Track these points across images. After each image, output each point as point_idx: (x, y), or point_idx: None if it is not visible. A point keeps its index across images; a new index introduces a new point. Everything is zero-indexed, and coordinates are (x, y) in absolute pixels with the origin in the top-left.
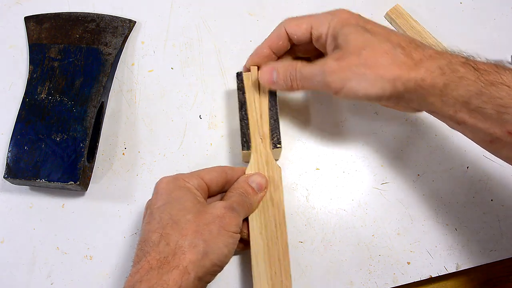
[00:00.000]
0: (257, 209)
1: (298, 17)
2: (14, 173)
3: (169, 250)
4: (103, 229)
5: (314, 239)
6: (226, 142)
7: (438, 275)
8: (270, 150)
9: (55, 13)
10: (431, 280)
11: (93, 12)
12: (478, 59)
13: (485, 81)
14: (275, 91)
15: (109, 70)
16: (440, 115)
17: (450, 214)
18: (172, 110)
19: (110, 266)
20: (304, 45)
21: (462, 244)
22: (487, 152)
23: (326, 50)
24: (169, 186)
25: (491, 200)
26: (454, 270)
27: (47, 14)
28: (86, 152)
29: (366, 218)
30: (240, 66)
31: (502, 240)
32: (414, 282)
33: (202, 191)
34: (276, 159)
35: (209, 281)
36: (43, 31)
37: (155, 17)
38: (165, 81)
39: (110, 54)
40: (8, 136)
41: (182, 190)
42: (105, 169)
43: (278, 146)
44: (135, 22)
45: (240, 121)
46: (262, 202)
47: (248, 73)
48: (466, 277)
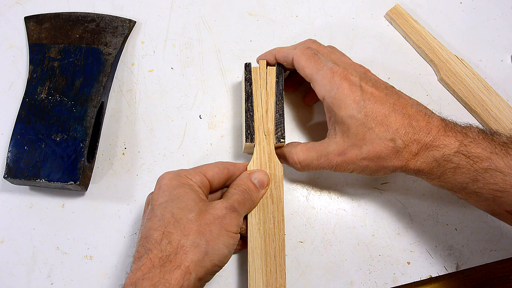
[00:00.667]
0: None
1: (306, 59)
2: (14, 173)
3: (171, 248)
4: (103, 229)
5: (314, 239)
6: (226, 142)
7: (438, 275)
8: (274, 147)
9: (55, 13)
10: (431, 280)
11: (93, 12)
12: (470, 135)
13: (479, 169)
14: (282, 86)
15: (109, 70)
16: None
17: (450, 214)
18: (172, 110)
19: (110, 266)
20: None
21: (462, 244)
22: None
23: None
24: (172, 183)
25: None
26: (454, 270)
27: (47, 14)
28: (86, 152)
29: (366, 218)
30: (240, 66)
31: (502, 240)
32: (414, 282)
33: (204, 188)
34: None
35: (208, 280)
36: (43, 31)
37: (155, 17)
38: (165, 81)
39: (110, 54)
40: (8, 136)
41: (185, 187)
42: (105, 169)
43: (282, 140)
44: (135, 22)
45: (245, 112)
46: (262, 198)
47: (256, 66)
48: (466, 277)
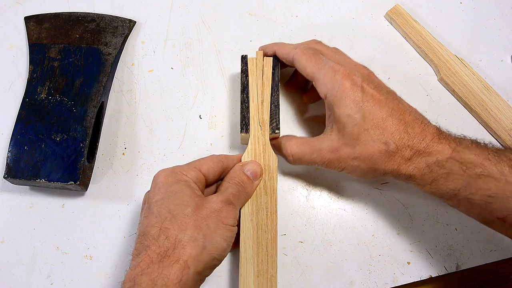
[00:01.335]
0: None
1: (306, 58)
2: (14, 173)
3: (169, 244)
4: (103, 229)
5: (314, 239)
6: (226, 142)
7: (438, 275)
8: (268, 138)
9: (55, 13)
10: (431, 280)
11: (93, 12)
12: (464, 143)
13: (472, 174)
14: (278, 78)
15: (109, 70)
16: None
17: (450, 214)
18: (172, 110)
19: (110, 266)
20: None
21: (462, 244)
22: None
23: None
24: (167, 180)
25: None
26: (454, 270)
27: (47, 14)
28: (86, 152)
29: (366, 218)
30: (240, 65)
31: (502, 240)
32: (414, 282)
33: (200, 183)
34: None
35: (207, 275)
36: (43, 31)
37: (155, 17)
38: (165, 81)
39: (110, 54)
40: (8, 136)
41: (180, 184)
42: (105, 169)
43: (277, 131)
44: (135, 22)
45: (241, 103)
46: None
47: (253, 57)
48: (466, 277)
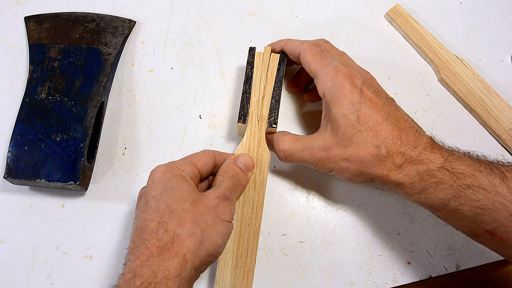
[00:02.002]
0: None
1: (312, 54)
2: (14, 173)
3: (167, 237)
4: (103, 229)
5: (314, 239)
6: (226, 142)
7: (438, 275)
8: (264, 133)
9: (55, 13)
10: (431, 280)
11: (93, 12)
12: (456, 154)
13: (462, 185)
14: (283, 74)
15: (109, 70)
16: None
17: None
18: (172, 110)
19: (110, 266)
20: None
21: (462, 244)
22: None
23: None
24: (165, 176)
25: None
26: (454, 270)
27: (47, 14)
28: (86, 152)
29: (366, 218)
30: (240, 66)
31: None
32: (414, 282)
33: (195, 178)
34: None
35: (202, 271)
36: (43, 31)
37: (155, 17)
38: (165, 81)
39: (110, 54)
40: (8, 136)
41: (178, 179)
42: (105, 169)
43: (274, 126)
44: (135, 22)
45: (242, 94)
46: None
47: (260, 52)
48: (466, 277)
